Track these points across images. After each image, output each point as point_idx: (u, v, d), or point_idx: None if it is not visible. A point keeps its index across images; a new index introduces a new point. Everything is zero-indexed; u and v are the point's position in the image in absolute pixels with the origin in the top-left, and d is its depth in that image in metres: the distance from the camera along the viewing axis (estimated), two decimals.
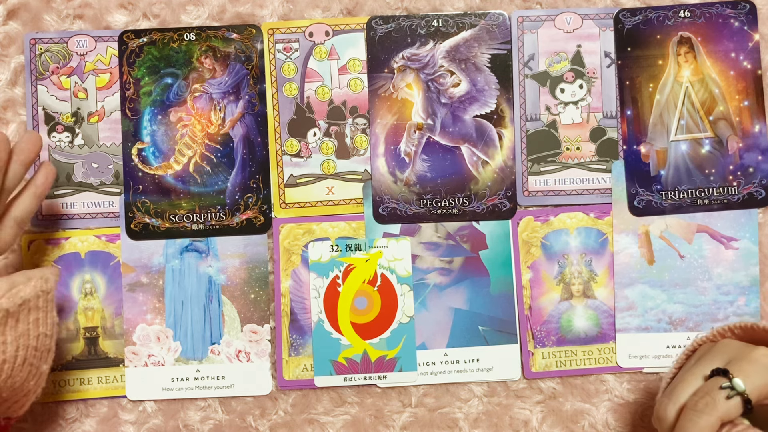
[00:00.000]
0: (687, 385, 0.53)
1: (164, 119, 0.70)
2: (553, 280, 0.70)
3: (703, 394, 0.51)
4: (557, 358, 0.69)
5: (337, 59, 0.70)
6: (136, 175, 0.70)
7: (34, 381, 0.57)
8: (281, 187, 0.70)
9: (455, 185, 0.70)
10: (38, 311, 0.56)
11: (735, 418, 0.50)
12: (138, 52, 0.70)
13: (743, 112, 0.70)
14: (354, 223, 0.70)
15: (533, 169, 0.70)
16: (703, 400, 0.50)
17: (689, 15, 0.70)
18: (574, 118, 0.70)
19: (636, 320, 0.69)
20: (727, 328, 0.57)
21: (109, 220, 0.70)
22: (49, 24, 0.70)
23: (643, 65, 0.70)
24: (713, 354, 0.54)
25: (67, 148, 0.70)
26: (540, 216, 0.70)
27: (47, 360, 0.57)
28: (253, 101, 0.70)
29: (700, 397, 0.50)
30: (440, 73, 0.70)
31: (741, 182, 0.69)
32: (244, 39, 0.70)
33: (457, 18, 0.70)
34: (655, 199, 0.70)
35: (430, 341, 0.69)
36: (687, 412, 0.50)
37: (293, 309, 0.69)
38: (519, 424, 0.69)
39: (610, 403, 0.69)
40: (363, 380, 0.69)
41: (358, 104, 0.70)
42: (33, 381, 0.56)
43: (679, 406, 0.52)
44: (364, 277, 0.70)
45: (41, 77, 0.70)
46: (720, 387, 0.50)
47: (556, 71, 0.71)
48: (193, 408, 0.69)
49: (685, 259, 0.70)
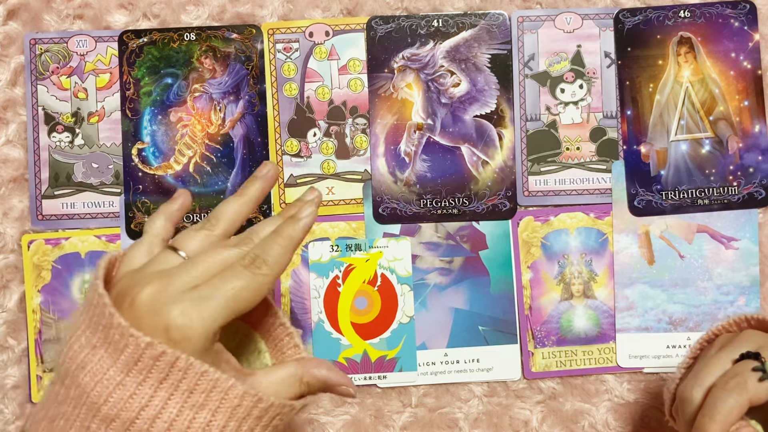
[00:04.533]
0: (714, 368, 0.52)
1: (164, 119, 0.70)
2: (553, 280, 0.70)
3: (734, 374, 0.50)
4: (557, 358, 0.69)
5: (337, 59, 0.70)
6: (136, 175, 0.70)
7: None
8: (281, 187, 0.70)
9: (455, 185, 0.70)
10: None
11: (744, 419, 0.50)
12: (138, 52, 0.70)
13: (743, 112, 0.70)
14: (354, 223, 0.70)
15: (533, 169, 0.70)
16: (734, 380, 0.49)
17: (689, 15, 0.70)
18: (574, 118, 0.70)
19: (636, 320, 0.69)
20: (744, 317, 0.56)
21: (109, 220, 0.70)
22: (49, 24, 0.70)
23: (643, 65, 0.70)
24: (739, 341, 0.53)
25: (67, 148, 0.70)
26: (540, 216, 0.70)
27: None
28: (253, 101, 0.70)
29: (731, 377, 0.50)
30: (440, 73, 0.70)
31: (741, 182, 0.69)
32: (244, 39, 0.70)
33: (457, 18, 0.70)
34: (655, 199, 0.70)
35: (430, 341, 0.69)
36: (716, 391, 0.49)
37: (293, 309, 0.69)
38: (519, 424, 0.69)
39: (610, 403, 0.69)
40: (363, 380, 0.69)
41: (358, 104, 0.70)
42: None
43: (705, 388, 0.51)
44: (364, 277, 0.70)
45: (41, 77, 0.70)
46: (752, 369, 0.50)
47: (556, 71, 0.71)
48: None
49: (685, 259, 0.70)
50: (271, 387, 0.46)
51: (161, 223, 0.51)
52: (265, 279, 0.46)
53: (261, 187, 0.51)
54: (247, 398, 0.44)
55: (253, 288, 0.45)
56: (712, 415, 0.49)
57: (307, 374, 0.48)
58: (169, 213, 0.52)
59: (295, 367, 0.48)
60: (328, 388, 0.49)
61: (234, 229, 0.50)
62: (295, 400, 0.47)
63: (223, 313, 0.44)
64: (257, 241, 0.48)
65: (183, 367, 0.42)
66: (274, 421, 0.46)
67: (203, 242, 0.48)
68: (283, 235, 0.47)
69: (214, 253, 0.46)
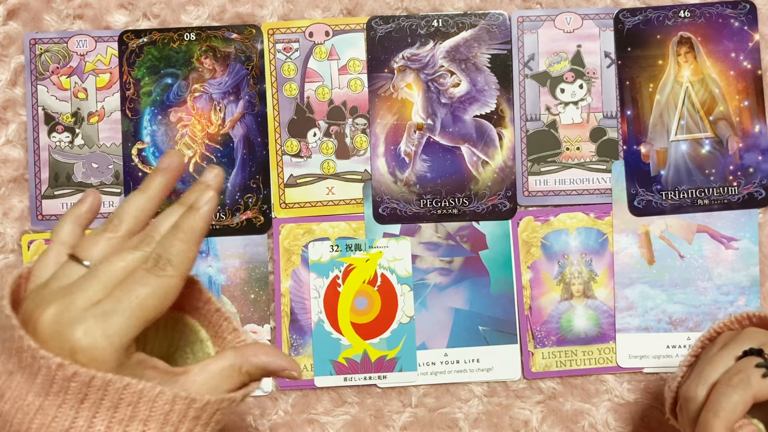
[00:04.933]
0: (717, 366, 0.52)
1: (164, 119, 0.70)
2: (553, 280, 0.70)
3: (737, 371, 0.50)
4: (557, 358, 0.69)
5: (337, 59, 0.70)
6: (136, 175, 0.70)
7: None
8: (281, 187, 0.70)
9: (455, 185, 0.70)
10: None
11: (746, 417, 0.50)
12: (138, 52, 0.70)
13: (743, 112, 0.70)
14: (354, 223, 0.70)
15: (533, 169, 0.70)
16: (738, 377, 0.49)
17: (689, 15, 0.70)
18: (574, 118, 0.70)
19: (636, 320, 0.69)
20: (746, 315, 0.56)
21: None
22: (49, 24, 0.70)
23: (643, 65, 0.70)
24: (742, 338, 0.53)
25: (67, 148, 0.70)
26: (540, 216, 0.70)
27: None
28: (253, 101, 0.70)
29: (734, 373, 0.50)
30: (440, 73, 0.70)
31: (741, 182, 0.69)
32: (244, 39, 0.70)
33: (457, 18, 0.70)
34: (655, 199, 0.70)
35: (430, 341, 0.69)
36: (720, 387, 0.49)
37: (293, 309, 0.69)
38: (519, 424, 0.69)
39: (610, 403, 0.69)
40: (363, 380, 0.69)
41: (358, 104, 0.70)
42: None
43: (709, 386, 0.51)
44: (364, 277, 0.70)
45: (41, 77, 0.70)
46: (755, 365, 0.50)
47: (556, 71, 0.71)
48: None
49: (685, 259, 0.70)
50: (207, 383, 0.44)
51: (68, 228, 0.47)
52: (171, 281, 0.43)
53: (164, 181, 0.48)
54: (179, 401, 0.42)
55: (160, 294, 0.42)
56: (716, 411, 0.48)
57: (246, 363, 0.46)
58: (77, 216, 0.48)
59: (233, 356, 0.45)
60: (270, 373, 0.47)
61: (139, 227, 0.47)
62: (236, 391, 0.45)
63: (130, 326, 0.41)
64: (158, 238, 0.45)
65: (101, 385, 0.40)
66: (216, 416, 0.44)
67: (106, 246, 0.45)
68: (184, 228, 0.44)
69: (116, 259, 0.44)
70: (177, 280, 0.43)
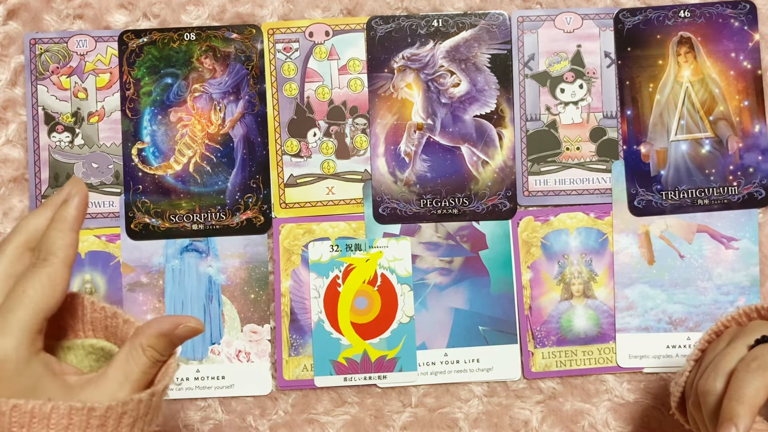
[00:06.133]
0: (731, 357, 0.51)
1: (164, 119, 0.70)
2: (553, 280, 0.70)
3: (754, 357, 0.50)
4: (557, 358, 0.69)
5: (337, 59, 0.70)
6: (136, 175, 0.70)
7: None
8: (281, 187, 0.70)
9: (455, 185, 0.70)
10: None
11: None
12: (138, 52, 0.70)
13: (743, 112, 0.70)
14: (354, 223, 0.70)
15: (533, 169, 0.70)
16: (755, 362, 0.49)
17: (689, 15, 0.70)
18: (574, 118, 0.70)
19: (636, 320, 0.69)
20: (754, 308, 0.56)
21: (109, 220, 0.70)
22: (49, 24, 0.70)
23: (643, 65, 0.70)
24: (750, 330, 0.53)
25: (67, 148, 0.70)
26: (540, 216, 0.70)
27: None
28: (253, 101, 0.70)
29: (752, 359, 0.49)
30: (440, 73, 0.70)
31: (741, 182, 0.69)
32: (244, 39, 0.70)
33: (457, 18, 0.70)
34: (655, 199, 0.70)
35: (430, 341, 0.69)
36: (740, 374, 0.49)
37: (293, 309, 0.69)
38: (519, 424, 0.69)
39: (610, 403, 0.69)
40: (363, 380, 0.69)
41: (358, 104, 0.70)
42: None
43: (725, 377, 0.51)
44: (364, 277, 0.70)
45: (41, 77, 0.70)
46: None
47: (556, 71, 0.71)
48: (193, 408, 0.69)
49: (685, 259, 0.70)
50: (113, 383, 0.45)
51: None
52: (53, 267, 0.45)
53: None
54: (76, 413, 0.41)
55: (44, 282, 0.44)
56: (739, 398, 0.48)
57: (143, 338, 0.46)
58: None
59: (129, 344, 0.46)
60: (172, 337, 0.46)
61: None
62: (157, 374, 0.46)
63: (26, 317, 0.43)
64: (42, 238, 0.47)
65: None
66: (125, 419, 0.44)
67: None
68: (58, 219, 0.46)
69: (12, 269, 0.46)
70: (60, 266, 0.45)
